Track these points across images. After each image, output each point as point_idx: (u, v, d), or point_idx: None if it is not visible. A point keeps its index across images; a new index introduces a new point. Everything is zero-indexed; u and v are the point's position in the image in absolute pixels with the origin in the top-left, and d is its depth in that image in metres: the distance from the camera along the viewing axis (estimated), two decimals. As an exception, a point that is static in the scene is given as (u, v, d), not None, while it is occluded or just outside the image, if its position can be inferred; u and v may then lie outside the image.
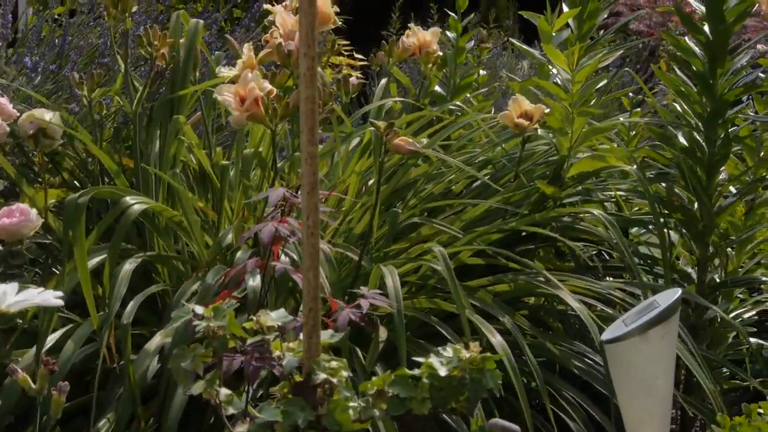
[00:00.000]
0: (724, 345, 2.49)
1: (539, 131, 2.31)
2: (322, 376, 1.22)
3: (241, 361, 1.40)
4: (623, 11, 7.27)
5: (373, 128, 2.05)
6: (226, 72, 2.17)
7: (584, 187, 2.36)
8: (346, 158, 2.36)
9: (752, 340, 2.55)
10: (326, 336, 1.28)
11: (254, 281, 1.86)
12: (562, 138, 2.29)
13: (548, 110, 2.31)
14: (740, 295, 2.73)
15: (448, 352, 1.27)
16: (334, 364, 1.24)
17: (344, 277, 2.17)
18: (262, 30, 3.00)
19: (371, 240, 2.16)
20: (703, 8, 2.39)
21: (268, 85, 1.95)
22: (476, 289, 2.08)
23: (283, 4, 2.62)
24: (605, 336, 1.72)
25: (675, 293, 1.74)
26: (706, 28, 2.38)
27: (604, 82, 2.40)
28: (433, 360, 1.25)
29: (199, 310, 1.18)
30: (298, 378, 1.25)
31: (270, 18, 2.40)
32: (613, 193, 2.46)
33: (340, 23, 2.38)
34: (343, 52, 4.67)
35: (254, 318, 1.25)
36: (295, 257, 1.93)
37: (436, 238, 2.23)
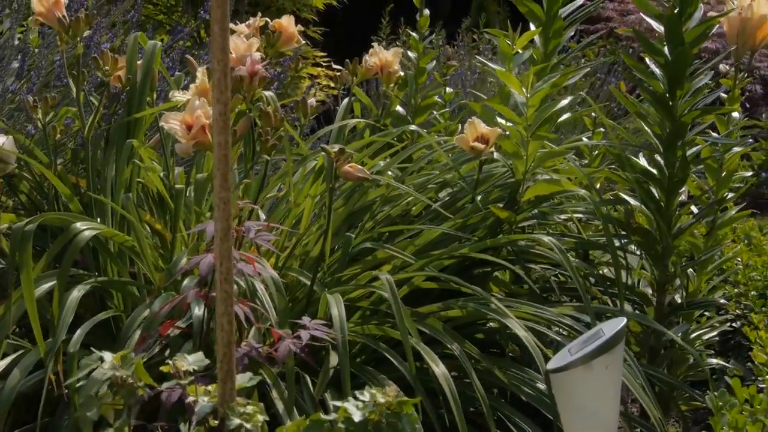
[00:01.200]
0: (684, 366, 2.48)
1: (496, 155, 2.30)
2: (236, 421, 1.22)
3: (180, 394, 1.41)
4: (613, 16, 7.27)
5: (324, 153, 2.05)
6: (180, 96, 2.16)
7: (540, 210, 2.35)
8: (302, 181, 2.35)
9: (713, 360, 2.55)
10: (243, 380, 1.28)
11: (199, 310, 1.86)
12: (518, 161, 2.27)
13: (507, 133, 2.30)
14: (707, 313, 2.72)
15: (365, 395, 1.26)
16: (249, 408, 1.24)
17: (301, 299, 2.17)
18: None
19: (324, 265, 2.16)
20: (663, 29, 2.38)
21: (215, 113, 1.94)
22: (427, 315, 2.08)
23: (246, 23, 2.61)
24: (550, 365, 1.71)
25: (620, 322, 1.74)
26: (666, 49, 2.37)
27: (564, 103, 2.38)
28: (349, 405, 1.25)
29: (108, 357, 1.17)
30: (213, 422, 1.26)
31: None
32: (570, 215, 2.45)
33: (317, 35, 2.37)
34: (321, 63, 4.67)
35: (170, 362, 1.24)
36: (242, 284, 1.93)
37: (392, 262, 2.22)
